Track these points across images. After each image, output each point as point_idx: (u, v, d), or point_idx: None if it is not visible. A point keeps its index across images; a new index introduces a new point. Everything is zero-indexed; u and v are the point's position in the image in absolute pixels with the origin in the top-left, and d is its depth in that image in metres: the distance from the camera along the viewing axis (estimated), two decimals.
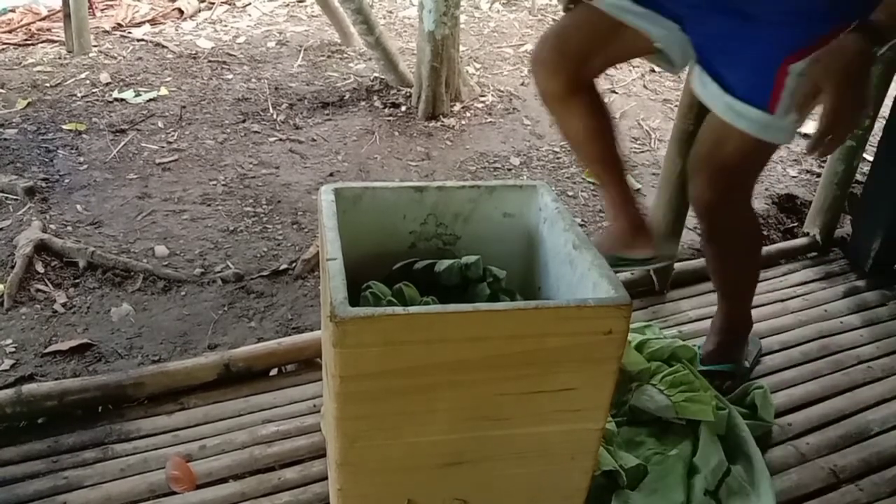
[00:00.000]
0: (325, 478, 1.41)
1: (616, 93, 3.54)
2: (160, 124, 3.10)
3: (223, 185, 2.68)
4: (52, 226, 2.34)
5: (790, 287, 2.13)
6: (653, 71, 3.81)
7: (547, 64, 1.44)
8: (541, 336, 1.02)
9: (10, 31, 4.00)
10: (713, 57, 1.36)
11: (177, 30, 4.21)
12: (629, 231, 1.59)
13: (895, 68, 2.04)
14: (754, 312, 1.99)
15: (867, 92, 1.22)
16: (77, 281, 2.13)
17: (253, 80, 3.57)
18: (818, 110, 1.23)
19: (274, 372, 1.75)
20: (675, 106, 2.85)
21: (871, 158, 2.26)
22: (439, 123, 3.22)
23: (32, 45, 3.89)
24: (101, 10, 4.35)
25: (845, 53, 1.16)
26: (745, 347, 1.78)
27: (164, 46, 3.91)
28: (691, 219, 2.50)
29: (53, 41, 3.92)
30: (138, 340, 1.92)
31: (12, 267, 2.09)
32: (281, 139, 3.03)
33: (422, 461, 1.12)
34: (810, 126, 3.32)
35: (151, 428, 1.56)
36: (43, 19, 4.14)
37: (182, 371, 1.65)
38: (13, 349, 1.85)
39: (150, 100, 3.31)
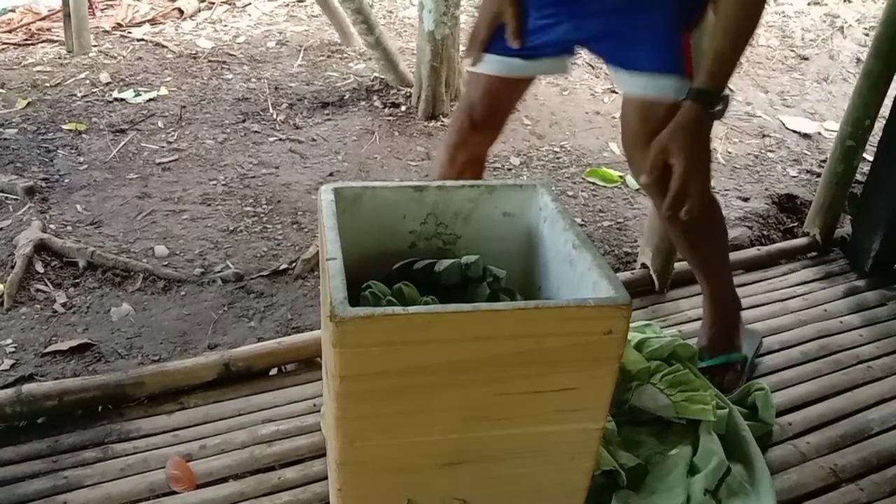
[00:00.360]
0: (326, 477, 1.41)
1: (616, 92, 3.54)
2: (160, 124, 3.10)
3: (223, 184, 2.67)
4: (51, 226, 2.34)
5: (790, 287, 2.14)
6: None
7: (464, 135, 1.60)
8: (541, 336, 1.02)
9: (9, 31, 3.99)
10: (622, 54, 1.43)
11: (177, 30, 4.20)
12: None
13: (895, 69, 2.04)
14: (754, 312, 2.00)
15: (709, 148, 1.38)
16: (77, 281, 2.13)
17: (253, 79, 3.57)
18: None
19: (274, 371, 1.75)
20: None
21: (871, 158, 2.26)
22: (439, 123, 3.22)
23: (32, 44, 3.89)
24: (101, 9, 4.34)
25: (685, 125, 1.31)
26: (740, 336, 1.79)
27: (163, 46, 3.91)
28: None
29: (53, 41, 3.92)
30: (138, 340, 1.92)
31: (12, 267, 2.09)
32: (281, 139, 3.03)
33: (421, 461, 1.12)
34: (805, 125, 3.33)
35: (151, 427, 1.56)
36: (43, 19, 4.14)
37: (182, 371, 1.65)
38: (13, 349, 1.85)
39: (150, 100, 3.30)
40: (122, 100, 3.29)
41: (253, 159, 2.86)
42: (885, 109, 2.10)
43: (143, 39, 3.99)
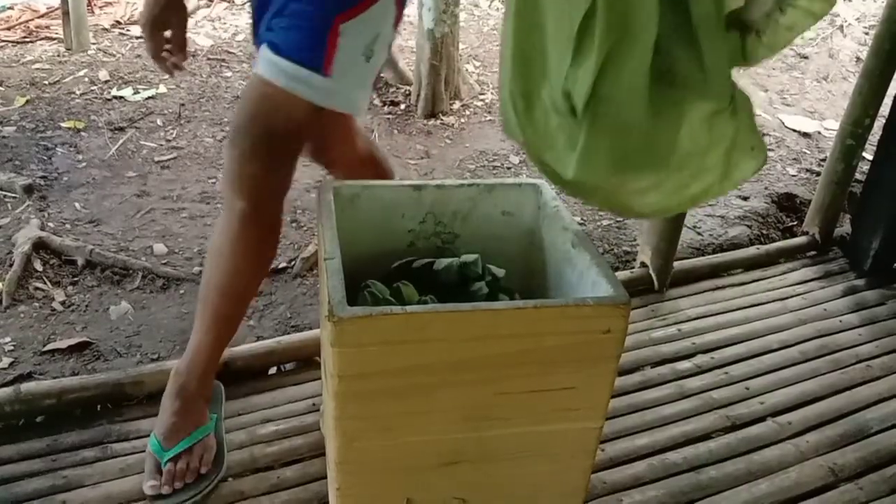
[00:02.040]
0: (325, 477, 1.41)
1: None
2: (159, 122, 3.10)
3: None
4: (50, 224, 2.34)
5: (789, 286, 2.14)
6: None
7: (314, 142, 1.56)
8: (539, 335, 1.02)
9: (8, 29, 3.99)
10: (271, 29, 1.28)
11: None
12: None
13: (895, 68, 2.04)
14: (754, 311, 2.00)
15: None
16: (75, 279, 2.12)
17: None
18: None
19: (273, 371, 1.75)
20: None
21: (870, 157, 2.26)
22: (438, 122, 3.22)
23: (31, 42, 3.89)
24: (100, 7, 4.34)
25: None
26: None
27: None
28: (690, 216, 2.50)
29: (52, 38, 3.91)
30: (137, 339, 1.92)
31: (11, 265, 2.09)
32: None
33: (420, 460, 1.12)
34: (805, 124, 3.33)
35: (150, 427, 1.55)
36: (42, 16, 4.13)
37: None
38: (11, 347, 1.85)
39: (149, 97, 3.30)
40: (121, 98, 3.29)
41: None
42: (885, 108, 2.10)
43: (141, 37, 3.98)
